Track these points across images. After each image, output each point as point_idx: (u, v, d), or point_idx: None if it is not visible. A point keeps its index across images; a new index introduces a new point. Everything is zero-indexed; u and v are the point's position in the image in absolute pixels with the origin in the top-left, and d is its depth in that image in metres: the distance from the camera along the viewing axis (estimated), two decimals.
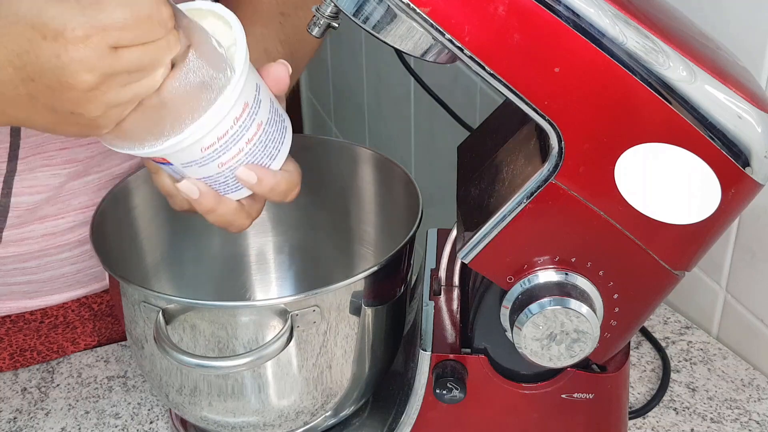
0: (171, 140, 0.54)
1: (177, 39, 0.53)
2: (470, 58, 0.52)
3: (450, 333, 0.69)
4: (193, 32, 0.55)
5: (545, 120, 0.54)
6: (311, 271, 0.85)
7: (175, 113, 0.54)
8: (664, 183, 0.56)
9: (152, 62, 0.52)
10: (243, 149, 0.57)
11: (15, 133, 0.73)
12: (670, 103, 0.53)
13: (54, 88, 0.51)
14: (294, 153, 0.61)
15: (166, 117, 0.54)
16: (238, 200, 0.60)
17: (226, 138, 0.56)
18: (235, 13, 0.66)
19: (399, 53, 0.60)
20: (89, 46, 0.50)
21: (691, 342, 0.87)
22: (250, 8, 0.78)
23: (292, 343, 0.62)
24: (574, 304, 0.58)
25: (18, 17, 0.50)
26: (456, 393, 0.65)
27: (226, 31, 0.57)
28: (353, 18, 0.54)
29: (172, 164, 0.57)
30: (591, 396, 0.66)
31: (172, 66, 0.54)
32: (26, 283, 0.83)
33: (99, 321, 0.89)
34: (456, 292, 0.73)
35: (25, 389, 0.83)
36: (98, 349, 0.87)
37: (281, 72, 0.60)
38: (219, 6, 0.58)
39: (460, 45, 0.51)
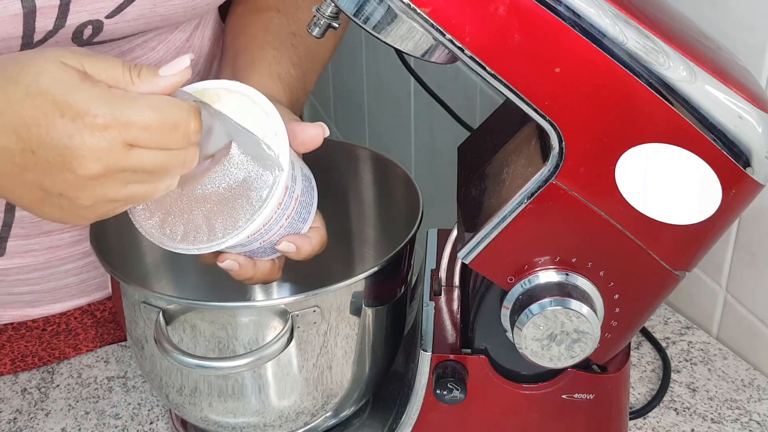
0: (230, 241, 0.56)
1: (196, 155, 0.53)
2: (471, 58, 0.52)
3: (450, 333, 0.69)
4: (236, 131, 0.55)
5: (546, 120, 0.54)
6: (311, 271, 0.85)
7: (229, 211, 0.56)
8: (664, 183, 0.56)
9: (162, 169, 0.52)
10: (283, 225, 0.60)
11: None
12: (671, 103, 0.53)
13: (53, 165, 0.50)
14: None
15: (219, 215, 0.56)
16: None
17: (270, 223, 0.58)
18: (247, 34, 0.67)
19: (399, 53, 0.60)
20: (105, 137, 0.50)
21: (691, 342, 0.87)
22: (261, 30, 0.77)
23: (293, 343, 0.62)
24: (574, 304, 0.58)
25: (40, 89, 0.50)
26: (456, 393, 0.65)
27: (262, 118, 0.57)
28: (353, 18, 0.54)
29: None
30: (591, 396, 0.66)
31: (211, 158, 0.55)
32: (29, 293, 0.83)
33: (101, 327, 0.89)
34: (456, 293, 0.73)
35: (25, 390, 0.83)
36: (98, 349, 0.87)
37: (317, 135, 0.61)
38: (254, 91, 0.58)
39: (460, 45, 0.51)
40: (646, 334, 0.87)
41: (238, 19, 0.81)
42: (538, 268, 0.59)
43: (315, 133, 0.61)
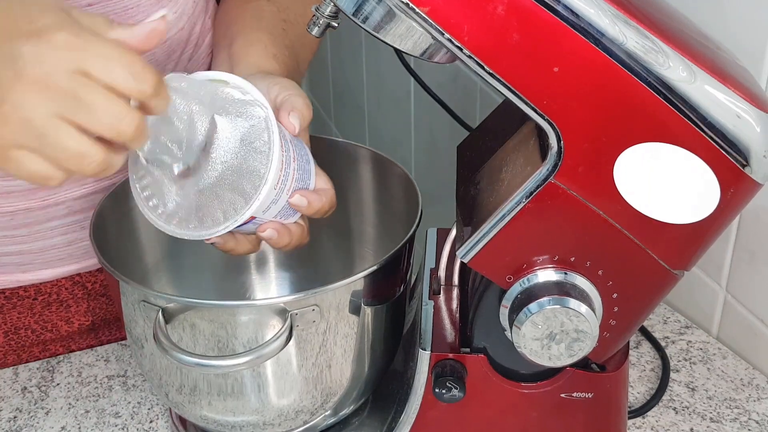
0: (254, 205, 0.58)
1: (136, 123, 0.51)
2: (469, 57, 0.52)
3: (449, 332, 0.69)
4: (213, 100, 0.57)
5: (544, 119, 0.54)
6: (311, 270, 0.85)
7: (240, 181, 0.58)
8: (663, 182, 0.56)
9: (97, 116, 0.50)
10: (292, 183, 0.61)
11: None
12: (670, 102, 0.53)
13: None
14: None
15: (232, 189, 0.58)
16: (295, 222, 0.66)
17: (284, 169, 0.60)
18: (239, 22, 0.67)
19: (399, 53, 0.60)
20: (61, 52, 0.49)
21: (690, 342, 0.87)
22: (254, 17, 0.80)
23: (292, 342, 0.62)
24: (573, 303, 0.58)
25: (26, 9, 0.50)
26: (455, 392, 0.65)
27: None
28: (353, 18, 0.55)
29: (256, 218, 0.60)
30: (590, 395, 0.66)
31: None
32: (18, 254, 0.83)
33: (93, 300, 0.89)
34: (455, 292, 0.73)
35: (25, 388, 0.83)
36: (98, 348, 0.88)
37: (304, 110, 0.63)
38: (240, 79, 0.60)
39: (459, 44, 0.51)
40: (646, 334, 0.87)
41: (229, 9, 0.84)
42: (537, 267, 0.59)
43: (287, 125, 0.62)
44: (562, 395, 0.66)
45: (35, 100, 0.50)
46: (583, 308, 0.58)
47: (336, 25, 0.58)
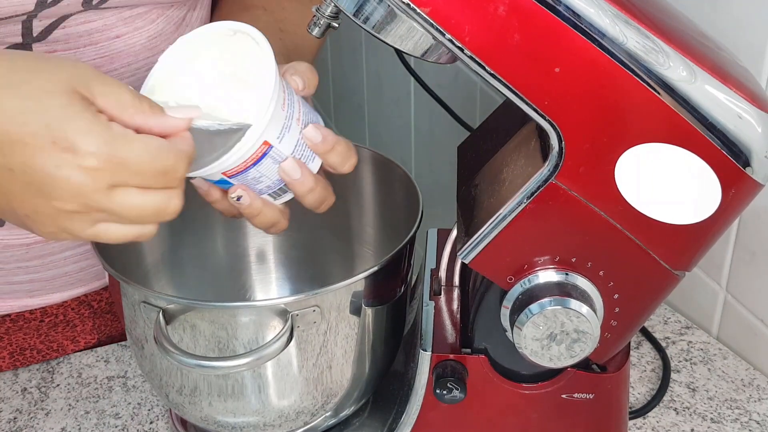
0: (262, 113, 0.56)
1: (178, 200, 0.52)
2: (470, 58, 0.52)
3: (450, 333, 0.69)
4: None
5: (545, 120, 0.54)
6: (311, 271, 0.85)
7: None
8: (664, 183, 0.56)
9: (140, 215, 0.51)
10: (300, 108, 0.60)
11: None
12: (671, 103, 0.53)
13: (29, 189, 0.49)
14: None
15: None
16: (281, 204, 0.63)
17: (288, 98, 0.58)
18: None
19: (399, 53, 0.60)
20: (92, 176, 0.48)
21: (691, 342, 0.87)
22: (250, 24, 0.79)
23: (292, 343, 0.62)
24: (574, 304, 0.58)
25: (39, 108, 0.48)
26: (456, 393, 0.65)
27: (255, 49, 0.59)
28: (353, 18, 0.54)
29: (272, 145, 0.58)
30: (591, 396, 0.66)
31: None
32: (29, 282, 0.83)
33: (98, 318, 0.89)
34: (456, 292, 0.73)
35: (25, 389, 0.83)
36: (98, 349, 0.87)
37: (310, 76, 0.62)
38: (250, 28, 0.59)
39: (460, 45, 0.51)
40: (646, 334, 0.87)
41: (225, 17, 0.83)
42: (538, 268, 0.59)
43: (291, 82, 0.61)
44: (563, 396, 0.66)
45: (74, 226, 0.51)
46: (584, 309, 0.58)
47: (336, 25, 0.58)
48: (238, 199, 0.60)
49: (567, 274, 0.59)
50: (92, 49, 0.73)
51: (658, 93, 0.53)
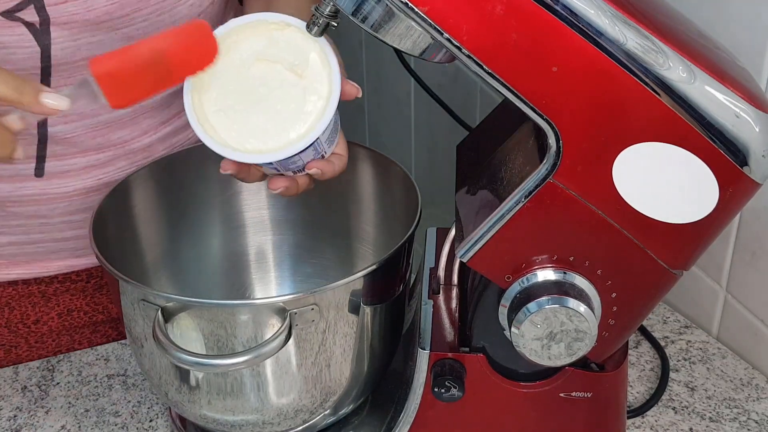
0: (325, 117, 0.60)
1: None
2: (468, 57, 0.52)
3: (449, 332, 0.69)
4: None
5: (543, 119, 0.54)
6: (310, 269, 0.85)
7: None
8: (662, 182, 0.56)
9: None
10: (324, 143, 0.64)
11: (45, 59, 0.73)
12: (669, 102, 0.53)
13: None
14: None
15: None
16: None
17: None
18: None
19: (399, 53, 0.60)
20: None
21: (690, 341, 0.87)
22: None
23: (291, 341, 0.62)
24: (572, 303, 0.58)
25: None
26: (454, 392, 0.66)
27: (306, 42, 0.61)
28: (352, 17, 0.55)
29: (319, 138, 0.61)
30: (589, 395, 0.66)
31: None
32: (74, 239, 0.85)
33: None
34: (455, 291, 0.73)
35: (26, 387, 0.83)
36: (98, 347, 0.88)
37: (351, 93, 0.64)
38: (291, 18, 0.61)
39: (458, 44, 0.52)
40: (645, 333, 0.87)
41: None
42: (536, 267, 0.59)
43: (348, 91, 0.63)
44: (561, 395, 0.67)
45: None
46: (582, 308, 0.58)
47: (336, 24, 0.58)
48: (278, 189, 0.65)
49: (565, 272, 0.59)
50: None
51: (657, 93, 0.53)
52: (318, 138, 0.61)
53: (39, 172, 0.79)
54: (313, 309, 0.62)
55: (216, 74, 0.60)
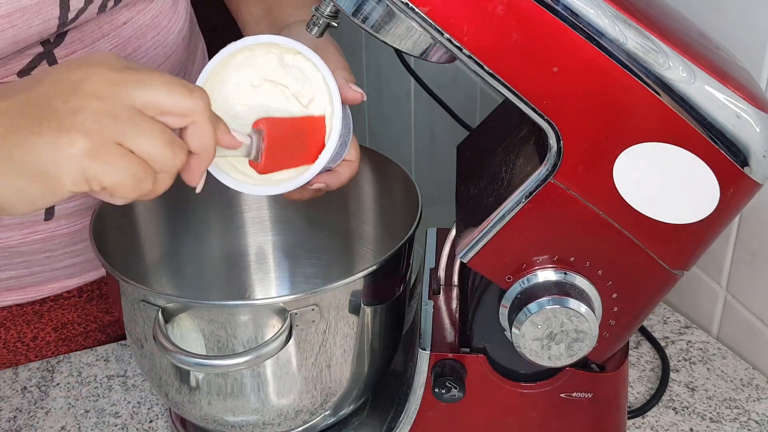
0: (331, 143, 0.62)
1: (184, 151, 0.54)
2: (469, 57, 0.52)
3: (449, 332, 0.69)
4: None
5: (544, 119, 0.54)
6: (311, 270, 0.85)
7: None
8: (662, 182, 0.56)
9: (158, 139, 0.51)
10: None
11: None
12: (669, 103, 0.53)
13: (59, 87, 0.50)
14: None
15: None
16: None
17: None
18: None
19: (399, 53, 0.60)
20: (117, 84, 0.50)
21: (690, 342, 0.87)
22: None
23: (291, 342, 0.62)
24: (572, 303, 0.58)
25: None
26: (455, 392, 0.65)
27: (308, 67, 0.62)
28: (352, 17, 0.55)
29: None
30: (590, 395, 0.66)
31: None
32: (72, 266, 0.86)
33: None
34: (455, 292, 0.73)
35: (25, 388, 0.83)
36: (98, 348, 0.88)
37: (356, 99, 0.65)
38: (302, 46, 0.61)
39: (458, 44, 0.51)
40: (645, 334, 0.87)
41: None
42: (536, 267, 0.59)
43: (352, 97, 0.64)
44: (562, 395, 0.66)
45: (101, 121, 0.50)
46: (583, 308, 0.58)
47: (336, 24, 0.58)
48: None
49: (565, 273, 0.59)
50: (106, 41, 0.76)
51: (657, 93, 0.53)
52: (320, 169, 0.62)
53: (49, 216, 0.79)
54: (313, 309, 0.62)
55: (222, 97, 0.60)
